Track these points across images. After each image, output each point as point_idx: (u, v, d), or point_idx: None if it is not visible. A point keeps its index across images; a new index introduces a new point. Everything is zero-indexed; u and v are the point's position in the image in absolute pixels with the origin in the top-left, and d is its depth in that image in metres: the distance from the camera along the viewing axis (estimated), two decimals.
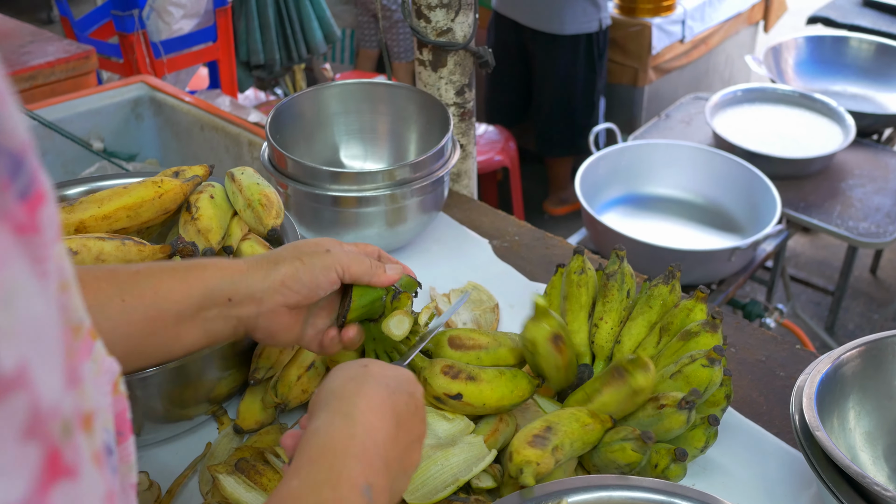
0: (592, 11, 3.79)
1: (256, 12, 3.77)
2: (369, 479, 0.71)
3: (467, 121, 1.78)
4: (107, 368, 0.54)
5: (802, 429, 1.03)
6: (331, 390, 0.79)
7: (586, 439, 1.02)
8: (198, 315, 0.92)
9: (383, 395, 0.79)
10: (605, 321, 1.22)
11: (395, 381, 0.82)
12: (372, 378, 0.80)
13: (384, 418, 0.77)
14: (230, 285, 0.92)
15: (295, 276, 0.94)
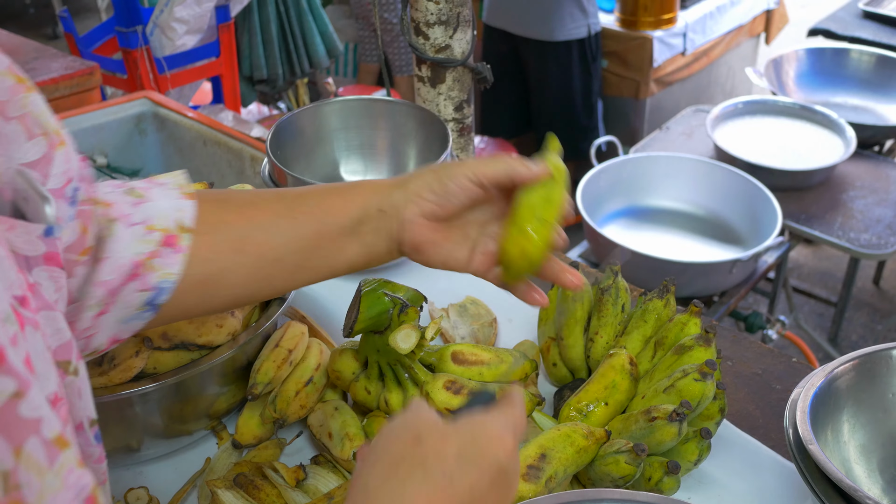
0: (580, 17, 3.84)
1: (259, 27, 3.80)
2: None
3: (466, 136, 1.79)
4: (73, 483, 0.50)
5: (796, 442, 1.03)
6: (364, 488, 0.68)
7: (580, 462, 1.03)
8: (357, 229, 0.94)
9: (431, 494, 0.65)
10: (600, 336, 1.23)
11: (457, 459, 0.68)
12: (418, 466, 0.67)
13: None
14: (382, 198, 0.94)
15: (426, 184, 0.94)
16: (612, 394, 1.14)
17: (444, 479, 0.65)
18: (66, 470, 0.50)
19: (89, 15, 7.15)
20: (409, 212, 0.93)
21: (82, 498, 0.51)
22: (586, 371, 1.27)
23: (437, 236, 0.95)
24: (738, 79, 4.86)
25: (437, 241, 0.95)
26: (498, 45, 4.09)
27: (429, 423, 0.70)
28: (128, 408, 1.09)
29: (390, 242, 0.95)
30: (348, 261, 0.95)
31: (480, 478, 0.67)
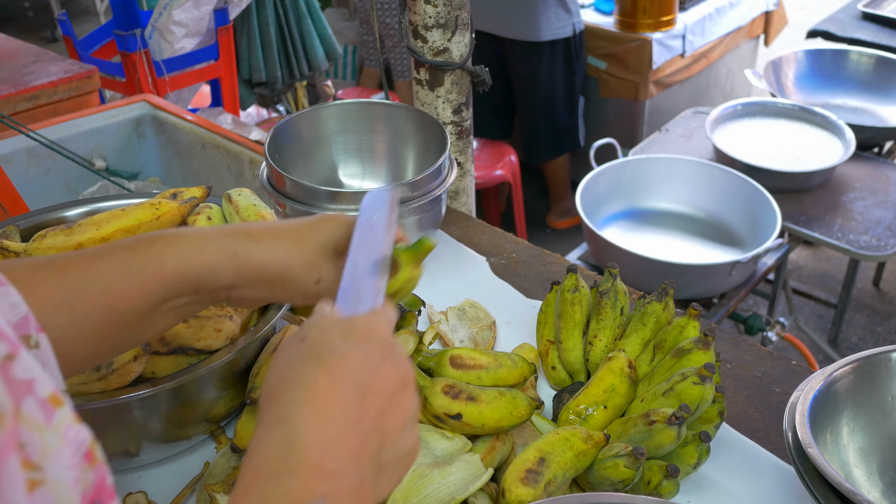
0: (565, 16, 3.88)
1: (258, 30, 3.80)
2: (319, 490, 0.58)
3: (465, 139, 1.79)
4: (72, 439, 0.51)
5: (795, 446, 1.03)
6: (267, 392, 0.67)
7: (579, 466, 1.03)
8: (162, 306, 0.84)
9: (329, 369, 0.65)
10: (599, 339, 1.23)
11: (341, 339, 0.68)
12: (310, 356, 0.66)
13: (334, 398, 0.63)
14: (195, 280, 0.84)
15: (269, 288, 0.88)
16: (610, 397, 1.14)
17: (335, 356, 0.66)
18: (63, 426, 0.51)
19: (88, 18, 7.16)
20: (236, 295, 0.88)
21: (82, 452, 0.51)
22: (585, 374, 1.27)
23: None
24: (738, 80, 4.86)
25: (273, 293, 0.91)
26: (483, 49, 4.09)
27: (310, 323, 0.71)
28: (126, 412, 1.09)
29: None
30: (156, 333, 0.88)
31: (369, 353, 0.67)
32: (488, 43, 4.05)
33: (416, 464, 1.03)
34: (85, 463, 0.51)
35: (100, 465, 0.53)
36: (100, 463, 0.53)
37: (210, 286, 0.85)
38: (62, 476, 0.49)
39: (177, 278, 0.83)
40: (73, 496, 0.50)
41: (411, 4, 1.64)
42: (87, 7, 7.36)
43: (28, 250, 1.15)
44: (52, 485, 0.48)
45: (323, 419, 0.62)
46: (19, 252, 1.15)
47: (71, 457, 0.50)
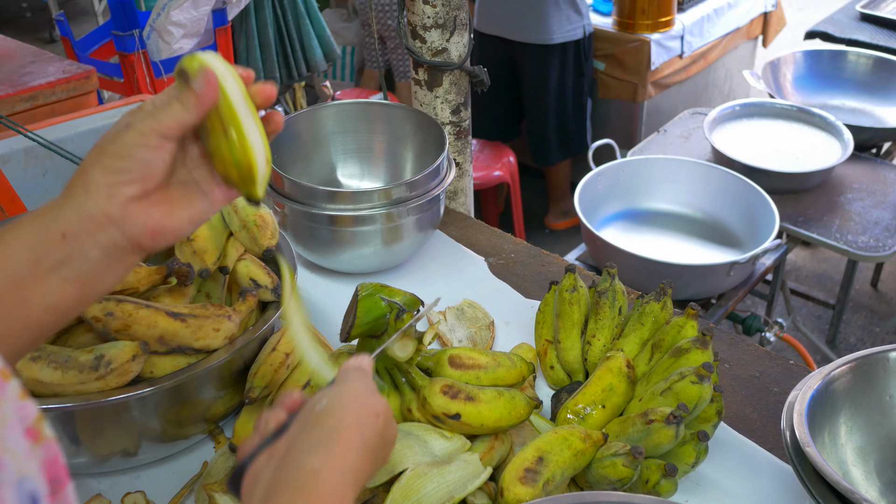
0: (576, 19, 3.89)
1: (256, 31, 3.80)
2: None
3: (463, 139, 1.79)
4: (16, 412, 0.51)
5: (793, 445, 1.03)
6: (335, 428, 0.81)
7: (578, 465, 1.03)
8: (37, 269, 0.78)
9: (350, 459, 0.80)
10: (597, 338, 1.23)
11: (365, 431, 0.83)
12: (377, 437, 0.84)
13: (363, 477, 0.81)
14: (54, 222, 0.79)
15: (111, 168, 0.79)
16: (609, 396, 1.14)
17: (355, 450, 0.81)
18: (13, 398, 0.51)
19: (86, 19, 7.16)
20: (118, 204, 0.79)
21: (25, 426, 0.51)
22: (583, 374, 1.27)
23: (166, 206, 0.83)
24: (736, 81, 4.86)
25: (172, 209, 0.83)
26: (492, 52, 4.10)
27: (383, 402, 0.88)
28: (125, 412, 1.09)
29: (114, 252, 0.80)
30: (47, 306, 0.79)
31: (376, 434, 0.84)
32: (497, 46, 4.05)
33: (415, 463, 1.03)
34: (29, 439, 0.51)
35: (49, 442, 0.53)
36: (48, 440, 0.53)
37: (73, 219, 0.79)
38: (17, 446, 0.49)
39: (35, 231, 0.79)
40: (31, 465, 0.50)
41: (410, 5, 1.64)
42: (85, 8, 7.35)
43: None
44: (13, 454, 0.48)
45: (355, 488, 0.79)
46: None
47: (19, 430, 0.51)
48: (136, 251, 0.82)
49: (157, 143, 0.80)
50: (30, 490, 0.48)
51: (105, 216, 0.78)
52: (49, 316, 0.79)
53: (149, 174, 0.80)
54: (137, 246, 0.81)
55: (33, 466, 0.50)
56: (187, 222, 0.84)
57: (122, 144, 0.79)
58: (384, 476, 1.02)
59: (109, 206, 0.78)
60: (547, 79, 4.01)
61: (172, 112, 0.80)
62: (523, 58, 4.02)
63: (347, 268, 1.56)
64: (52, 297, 0.78)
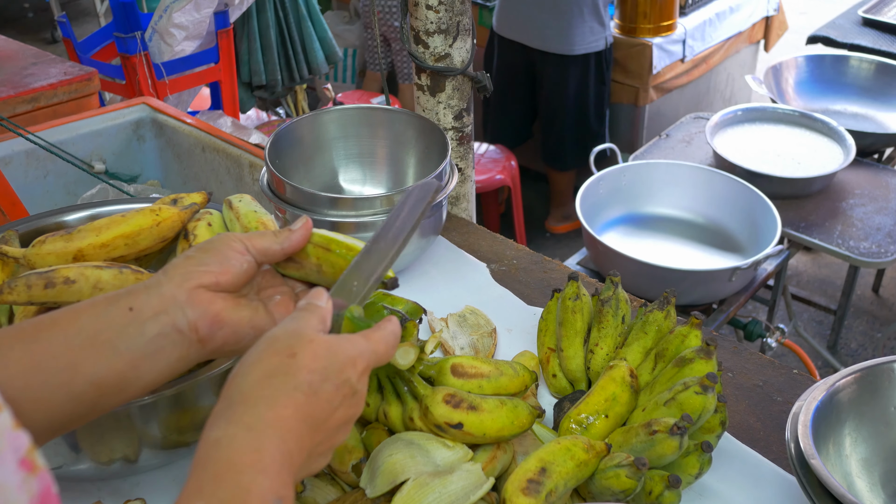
0: (599, 30, 3.87)
1: (258, 33, 3.80)
2: (279, 493, 0.69)
3: (466, 145, 1.79)
4: (10, 444, 0.51)
5: (798, 456, 1.03)
6: (239, 390, 0.75)
7: (580, 476, 1.03)
8: (95, 339, 0.81)
9: (298, 401, 0.75)
10: (600, 347, 1.23)
11: (321, 375, 0.77)
12: (290, 377, 0.76)
13: (294, 428, 0.74)
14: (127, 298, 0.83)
15: (196, 259, 0.86)
16: (612, 406, 1.14)
17: (309, 390, 0.76)
18: (5, 430, 0.51)
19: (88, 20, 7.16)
20: (190, 289, 0.84)
21: (18, 458, 0.51)
22: (586, 383, 1.27)
23: (231, 304, 0.87)
24: (738, 86, 4.86)
25: (236, 308, 0.88)
26: (510, 56, 4.09)
27: (304, 340, 0.79)
28: (125, 419, 1.09)
29: (172, 335, 0.83)
30: (94, 378, 0.80)
31: (336, 394, 0.78)
32: (516, 51, 4.04)
33: (416, 473, 1.02)
34: (24, 470, 0.51)
35: (42, 473, 0.53)
36: (42, 470, 0.53)
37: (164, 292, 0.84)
38: (7, 480, 0.50)
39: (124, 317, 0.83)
40: (21, 499, 0.50)
41: (413, 10, 1.64)
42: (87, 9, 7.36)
43: (27, 255, 1.14)
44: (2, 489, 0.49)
45: (284, 439, 0.73)
46: (18, 257, 1.15)
47: (12, 461, 0.51)
48: (193, 340, 0.85)
49: (241, 250, 0.89)
50: None
51: (173, 297, 0.84)
52: (91, 391, 0.81)
53: (225, 270, 0.87)
54: (195, 332, 0.84)
55: (23, 500, 0.50)
56: (248, 322, 0.89)
57: (211, 244, 0.88)
58: (386, 486, 1.01)
59: (180, 288, 0.84)
60: (566, 88, 4.01)
61: (264, 237, 0.91)
62: (543, 65, 4.01)
63: None
64: (101, 371, 0.81)
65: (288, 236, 0.92)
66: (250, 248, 0.89)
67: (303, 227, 0.94)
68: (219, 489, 0.67)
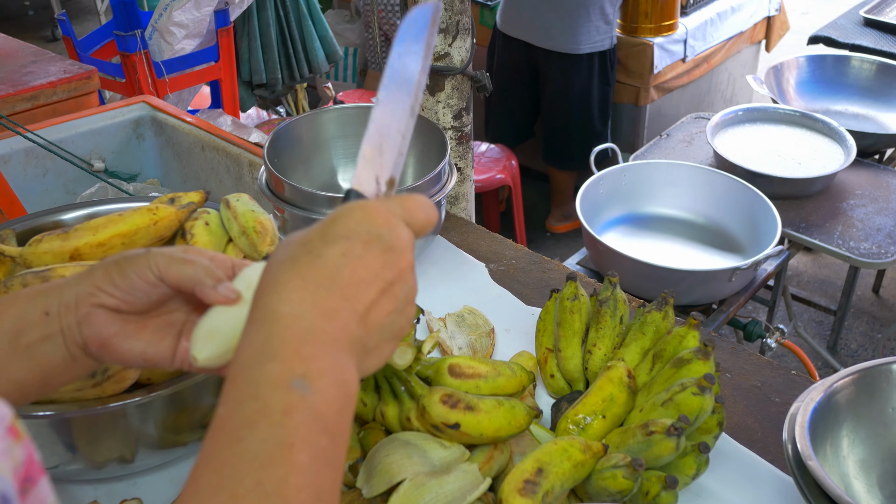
0: (605, 30, 3.87)
1: (259, 32, 3.80)
2: (298, 370, 0.64)
3: (465, 144, 1.79)
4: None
5: (795, 457, 1.03)
6: (256, 293, 0.70)
7: (577, 476, 1.02)
8: (17, 342, 0.80)
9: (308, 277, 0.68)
10: (598, 347, 1.23)
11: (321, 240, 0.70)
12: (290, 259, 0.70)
13: (306, 303, 0.67)
14: (48, 300, 0.82)
15: (107, 276, 0.82)
16: (609, 407, 1.13)
17: (308, 257, 0.68)
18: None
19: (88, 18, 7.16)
20: (88, 304, 0.81)
21: (5, 426, 0.52)
22: (584, 383, 1.26)
23: (127, 328, 0.83)
24: (739, 86, 4.85)
25: (129, 333, 0.84)
26: (514, 55, 4.08)
27: (297, 232, 0.73)
28: (122, 419, 1.09)
29: (69, 347, 0.82)
30: (15, 381, 0.80)
31: (350, 245, 0.69)
32: (520, 49, 4.03)
33: (413, 473, 1.02)
34: (10, 437, 0.52)
35: (26, 441, 0.53)
36: (25, 439, 0.53)
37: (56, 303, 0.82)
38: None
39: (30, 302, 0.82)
40: (4, 466, 0.50)
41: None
42: (88, 7, 7.35)
43: (24, 254, 1.14)
44: None
45: (294, 316, 0.66)
46: (15, 256, 1.14)
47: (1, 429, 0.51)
48: (78, 359, 0.83)
49: (153, 281, 0.82)
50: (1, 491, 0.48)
51: (76, 308, 0.81)
52: (15, 391, 0.80)
53: (129, 301, 0.82)
54: (86, 349, 0.82)
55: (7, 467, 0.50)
56: (139, 354, 0.84)
57: (129, 265, 0.82)
58: (383, 486, 1.01)
59: (83, 302, 0.81)
60: (571, 87, 4.00)
61: (183, 270, 0.82)
62: (547, 65, 4.01)
63: None
64: (22, 375, 0.81)
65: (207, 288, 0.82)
66: (165, 279, 0.83)
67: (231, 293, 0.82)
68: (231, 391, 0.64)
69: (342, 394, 0.66)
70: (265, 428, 0.61)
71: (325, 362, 0.65)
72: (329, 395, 0.65)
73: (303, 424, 0.62)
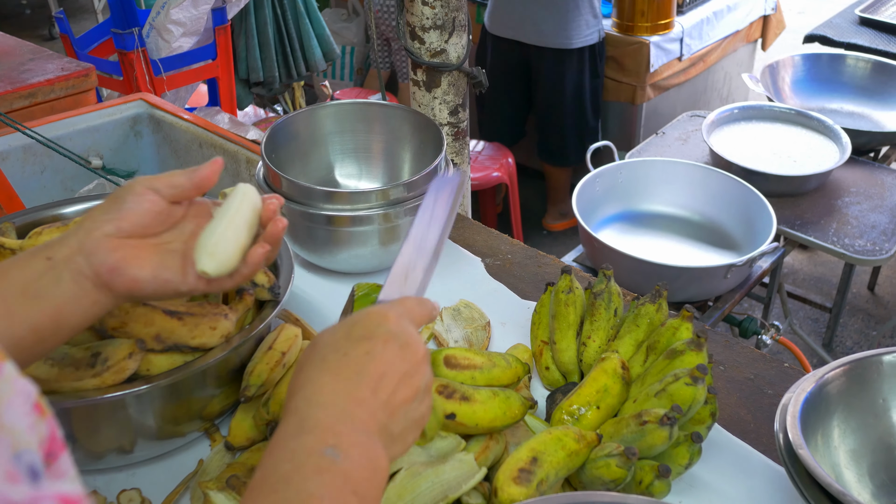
0: (594, 23, 3.90)
1: (256, 30, 3.80)
2: (330, 441, 0.72)
3: (461, 140, 1.80)
4: (20, 389, 0.53)
5: (786, 447, 1.04)
6: (287, 395, 0.80)
7: (572, 465, 1.04)
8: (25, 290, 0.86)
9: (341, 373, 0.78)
10: (592, 340, 1.24)
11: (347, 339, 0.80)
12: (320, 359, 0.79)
13: (340, 393, 0.76)
14: (46, 250, 0.89)
15: (102, 210, 0.90)
16: (603, 398, 1.15)
17: (338, 355, 0.78)
18: (12, 377, 0.53)
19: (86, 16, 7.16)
20: (93, 237, 0.88)
21: (31, 403, 0.54)
22: (578, 375, 1.27)
23: (135, 251, 0.90)
24: (735, 84, 4.87)
25: (140, 255, 0.90)
26: (504, 55, 4.10)
27: (324, 330, 0.83)
28: (121, 409, 1.10)
29: (79, 283, 0.88)
30: (29, 325, 0.86)
31: (372, 344, 0.79)
32: (511, 48, 4.05)
33: (409, 462, 1.03)
34: (36, 413, 0.54)
35: (49, 418, 0.55)
36: (49, 415, 0.55)
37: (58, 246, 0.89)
38: (18, 422, 0.51)
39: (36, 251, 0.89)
40: (31, 440, 0.52)
41: (409, 6, 1.65)
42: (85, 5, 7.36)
43: (24, 247, 1.15)
44: (9, 431, 0.50)
45: (329, 404, 0.75)
46: (15, 249, 1.15)
47: (22, 405, 0.53)
48: (99, 286, 0.88)
49: (141, 192, 0.91)
50: (29, 462, 0.50)
51: (80, 245, 0.88)
52: (31, 336, 0.86)
53: (123, 215, 0.89)
54: (98, 278, 0.88)
55: (34, 441, 0.52)
56: (150, 276, 0.90)
57: (115, 192, 0.92)
58: None
59: (87, 237, 0.88)
60: (564, 82, 4.02)
61: (171, 175, 0.93)
62: (539, 62, 4.02)
63: (344, 268, 1.56)
64: (35, 317, 0.87)
65: (196, 169, 0.94)
66: (154, 185, 0.91)
67: (212, 162, 0.95)
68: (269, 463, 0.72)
69: (372, 466, 0.74)
70: (298, 482, 0.69)
71: (355, 438, 0.74)
72: (358, 464, 0.72)
73: (332, 483, 0.70)
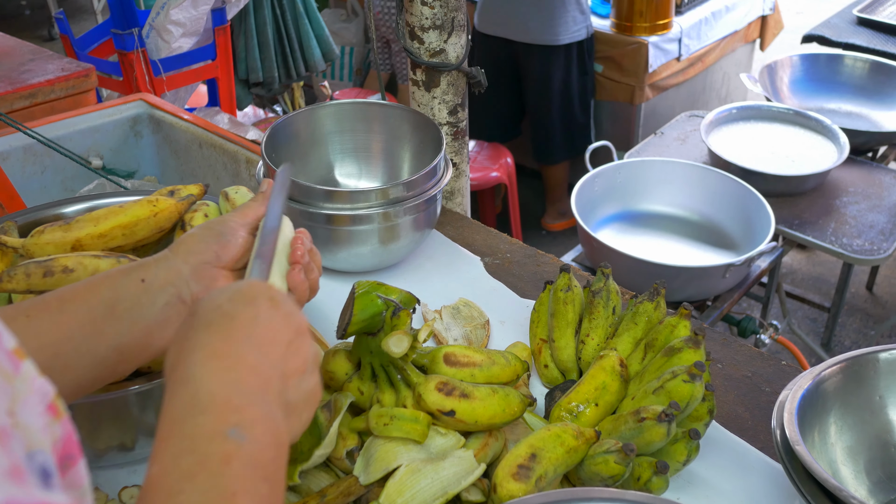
0: (581, 19, 3.92)
1: (255, 31, 3.81)
2: (231, 420, 0.65)
3: (460, 139, 1.80)
4: (37, 389, 0.53)
5: (783, 443, 1.05)
6: (168, 365, 0.74)
7: (570, 462, 1.04)
8: (114, 309, 0.89)
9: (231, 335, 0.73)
10: (591, 337, 1.25)
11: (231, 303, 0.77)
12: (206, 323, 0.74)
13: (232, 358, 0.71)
14: (139, 271, 0.92)
15: (203, 241, 0.95)
16: (602, 395, 1.15)
17: (225, 319, 0.74)
18: (30, 377, 0.53)
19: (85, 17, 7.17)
20: (192, 264, 0.93)
21: (46, 403, 0.54)
22: (577, 372, 1.28)
23: (227, 281, 0.96)
24: (733, 84, 4.87)
25: (227, 281, 0.96)
26: (494, 53, 4.11)
27: (198, 301, 0.79)
28: (123, 406, 1.10)
29: (176, 306, 0.91)
30: (114, 345, 0.88)
31: (258, 309, 0.76)
32: (500, 47, 4.06)
33: (409, 459, 1.04)
34: (50, 414, 0.53)
35: (66, 420, 0.55)
36: (65, 417, 0.55)
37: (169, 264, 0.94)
38: (32, 422, 0.51)
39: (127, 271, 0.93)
40: (45, 440, 0.51)
41: (408, 6, 1.66)
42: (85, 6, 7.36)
43: (26, 245, 1.16)
44: (24, 429, 0.50)
45: (222, 369, 0.70)
46: (17, 247, 1.16)
47: (38, 405, 0.53)
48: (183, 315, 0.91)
49: (235, 228, 0.97)
50: (41, 463, 0.49)
51: (178, 271, 0.92)
52: (115, 355, 0.89)
53: (224, 246, 0.95)
54: (193, 304, 0.87)
55: (47, 441, 0.52)
56: None
57: (210, 224, 0.98)
58: (379, 472, 1.03)
59: (186, 263, 0.93)
60: (551, 79, 4.03)
61: (250, 208, 1.00)
62: (527, 59, 4.04)
63: (344, 266, 1.57)
64: (121, 338, 0.89)
65: (262, 196, 1.01)
66: (245, 222, 0.98)
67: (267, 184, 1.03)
68: (168, 448, 0.65)
69: (276, 442, 0.69)
70: (205, 479, 0.61)
71: (256, 411, 0.68)
72: (264, 443, 0.67)
73: (242, 473, 0.63)
